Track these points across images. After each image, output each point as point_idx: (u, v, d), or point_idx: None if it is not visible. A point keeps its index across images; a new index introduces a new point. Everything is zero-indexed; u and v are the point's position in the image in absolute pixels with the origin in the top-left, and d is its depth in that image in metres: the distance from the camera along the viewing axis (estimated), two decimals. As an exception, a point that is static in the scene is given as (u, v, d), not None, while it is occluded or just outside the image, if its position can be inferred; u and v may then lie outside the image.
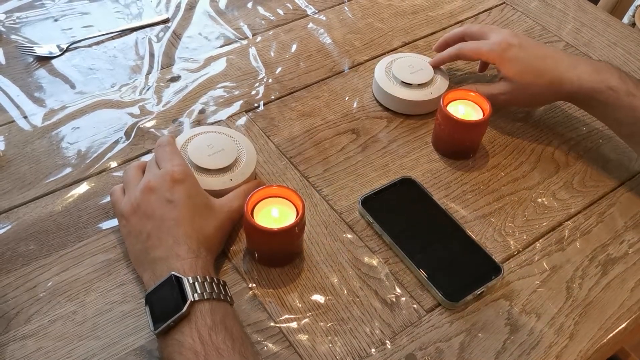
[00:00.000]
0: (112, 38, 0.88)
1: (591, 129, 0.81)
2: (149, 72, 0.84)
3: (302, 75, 0.85)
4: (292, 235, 0.61)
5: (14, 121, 0.76)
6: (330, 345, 0.58)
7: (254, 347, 0.57)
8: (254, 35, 0.91)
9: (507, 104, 0.78)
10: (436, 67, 0.82)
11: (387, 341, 0.59)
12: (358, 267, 0.64)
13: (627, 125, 0.70)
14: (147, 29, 0.90)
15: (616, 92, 0.68)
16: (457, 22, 0.96)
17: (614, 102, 0.69)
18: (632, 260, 0.67)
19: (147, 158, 0.73)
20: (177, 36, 0.90)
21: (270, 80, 0.84)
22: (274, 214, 0.62)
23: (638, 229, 0.70)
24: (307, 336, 0.59)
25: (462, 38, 0.81)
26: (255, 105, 0.81)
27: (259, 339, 0.58)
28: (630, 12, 1.61)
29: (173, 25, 0.91)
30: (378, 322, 0.60)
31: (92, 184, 0.70)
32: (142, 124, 0.77)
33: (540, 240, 0.68)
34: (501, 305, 0.62)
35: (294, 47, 0.89)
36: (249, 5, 0.96)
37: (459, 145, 0.75)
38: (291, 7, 0.96)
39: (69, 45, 0.86)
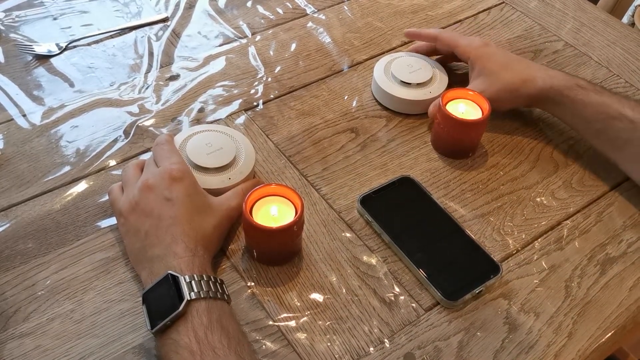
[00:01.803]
0: (111, 37, 0.88)
1: (590, 129, 0.81)
2: (148, 71, 0.84)
3: (302, 75, 0.85)
4: (290, 233, 0.61)
5: (12, 119, 0.76)
6: (329, 344, 0.58)
7: (250, 346, 0.57)
8: (253, 34, 0.91)
9: None
10: (410, 37, 0.87)
11: (386, 340, 0.59)
12: (357, 265, 0.64)
13: (595, 121, 0.71)
14: (147, 28, 0.90)
15: (585, 89, 0.71)
16: (457, 22, 0.96)
17: (583, 98, 0.71)
18: (630, 259, 0.67)
19: (146, 157, 0.73)
20: (176, 35, 0.90)
21: (269, 79, 0.84)
22: (272, 213, 0.62)
23: (636, 229, 0.70)
24: (305, 335, 0.59)
25: (434, 38, 0.83)
26: (255, 104, 0.80)
27: (257, 337, 0.58)
28: (629, 12, 1.61)
29: (172, 24, 0.91)
30: (377, 320, 0.60)
31: (91, 183, 0.70)
32: (141, 123, 0.77)
33: (539, 240, 0.68)
34: (500, 305, 0.62)
35: (293, 46, 0.89)
36: (249, 4, 0.96)
37: (458, 144, 0.75)
38: (290, 6, 0.96)
39: (68, 44, 0.86)
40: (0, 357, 0.55)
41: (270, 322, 0.59)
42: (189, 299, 0.52)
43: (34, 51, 0.84)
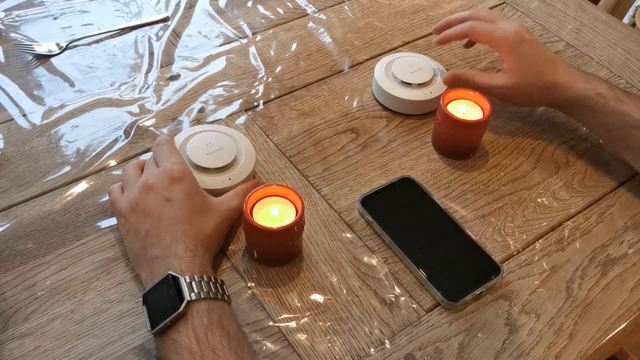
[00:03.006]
0: (112, 36, 0.88)
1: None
2: (148, 71, 0.84)
3: (302, 75, 0.85)
4: (291, 234, 0.61)
5: (13, 119, 0.76)
6: (329, 344, 0.58)
7: (251, 347, 0.56)
8: (253, 34, 0.91)
9: (500, 98, 0.77)
10: (443, 43, 0.81)
11: (386, 341, 0.59)
12: (357, 266, 0.64)
13: (615, 130, 0.71)
14: (147, 28, 0.90)
15: (605, 98, 0.70)
16: (458, 22, 0.96)
17: (603, 107, 0.70)
18: (631, 260, 0.67)
19: (146, 157, 0.73)
20: (176, 35, 0.90)
21: (269, 79, 0.84)
22: (273, 213, 0.62)
23: (638, 230, 0.70)
24: (306, 336, 0.59)
25: (466, 34, 0.79)
26: (255, 104, 0.80)
27: (257, 338, 0.58)
28: (630, 13, 1.61)
29: (173, 23, 0.91)
30: (377, 321, 0.60)
31: (91, 183, 0.70)
32: (141, 123, 0.77)
33: (540, 241, 0.68)
34: (500, 306, 0.62)
35: (293, 46, 0.89)
36: (249, 4, 0.96)
37: (458, 144, 0.75)
38: (291, 6, 0.96)
39: (69, 44, 0.86)
40: (0, 357, 0.55)
41: (271, 323, 0.59)
42: (189, 299, 0.52)
43: (34, 51, 0.84)
